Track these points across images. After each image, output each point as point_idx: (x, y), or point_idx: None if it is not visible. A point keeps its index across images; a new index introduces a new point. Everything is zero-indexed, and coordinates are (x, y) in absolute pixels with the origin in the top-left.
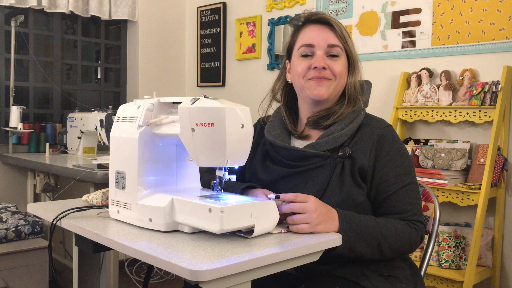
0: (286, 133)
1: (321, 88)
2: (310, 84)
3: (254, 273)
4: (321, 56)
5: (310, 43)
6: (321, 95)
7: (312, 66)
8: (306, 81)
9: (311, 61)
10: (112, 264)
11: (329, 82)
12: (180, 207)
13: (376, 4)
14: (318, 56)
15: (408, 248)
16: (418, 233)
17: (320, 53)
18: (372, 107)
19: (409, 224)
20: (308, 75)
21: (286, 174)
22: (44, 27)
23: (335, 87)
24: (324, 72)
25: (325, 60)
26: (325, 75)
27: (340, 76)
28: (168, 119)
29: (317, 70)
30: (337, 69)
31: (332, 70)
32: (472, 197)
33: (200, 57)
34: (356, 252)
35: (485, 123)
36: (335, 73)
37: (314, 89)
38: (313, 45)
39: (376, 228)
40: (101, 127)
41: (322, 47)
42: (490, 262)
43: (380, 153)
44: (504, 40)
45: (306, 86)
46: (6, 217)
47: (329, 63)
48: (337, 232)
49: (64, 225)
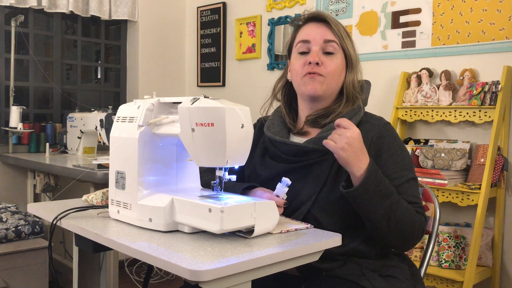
0: (285, 130)
1: (314, 83)
2: (304, 80)
3: (254, 273)
4: (315, 52)
5: (307, 39)
6: (314, 90)
7: (307, 62)
8: (301, 78)
9: (307, 58)
10: (112, 264)
11: (322, 78)
12: (180, 207)
13: (376, 4)
14: (313, 51)
15: (411, 232)
16: (421, 221)
17: (315, 49)
18: (372, 107)
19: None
20: (303, 71)
21: (286, 170)
22: (44, 27)
23: (328, 84)
24: (317, 68)
25: (320, 56)
26: (318, 71)
27: (333, 73)
28: (168, 119)
29: (311, 66)
30: (330, 67)
31: (325, 67)
32: (472, 197)
33: (200, 57)
34: (370, 199)
35: (485, 123)
36: (328, 70)
37: (308, 84)
38: (309, 41)
39: (394, 193)
40: (101, 127)
41: (318, 42)
42: (490, 262)
43: (381, 149)
44: (504, 40)
45: (301, 83)
46: (6, 217)
47: (324, 59)
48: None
49: (64, 225)
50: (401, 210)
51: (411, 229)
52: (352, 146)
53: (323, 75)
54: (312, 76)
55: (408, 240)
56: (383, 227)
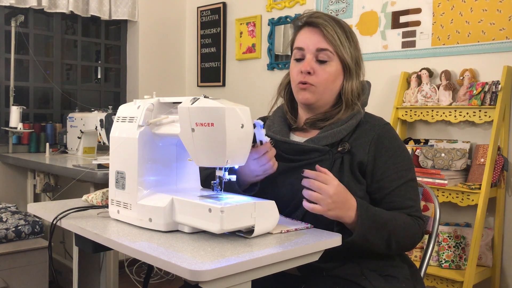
0: (285, 129)
1: (305, 93)
2: (297, 88)
3: (254, 273)
4: (308, 61)
5: (301, 46)
6: (306, 99)
7: (300, 70)
8: (295, 85)
9: (300, 66)
10: (112, 264)
11: (313, 88)
12: (180, 207)
13: (376, 4)
14: (306, 60)
15: (411, 244)
16: (420, 228)
17: (309, 57)
18: (372, 107)
19: (413, 219)
20: (297, 79)
21: (286, 169)
22: (44, 27)
23: (320, 93)
24: (308, 77)
25: (313, 65)
26: (309, 81)
27: (325, 82)
28: (168, 119)
29: (303, 75)
30: (322, 76)
31: (317, 76)
32: (472, 197)
33: (200, 57)
34: (368, 241)
35: (485, 123)
36: (320, 80)
37: (300, 94)
38: (303, 49)
39: (389, 221)
40: (101, 127)
41: (311, 51)
42: (490, 262)
43: (381, 149)
44: (504, 40)
45: (295, 90)
46: (6, 217)
47: (317, 68)
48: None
49: (64, 225)
50: (400, 231)
51: (411, 241)
52: (338, 202)
53: (314, 85)
54: (303, 86)
55: (409, 248)
56: (384, 250)
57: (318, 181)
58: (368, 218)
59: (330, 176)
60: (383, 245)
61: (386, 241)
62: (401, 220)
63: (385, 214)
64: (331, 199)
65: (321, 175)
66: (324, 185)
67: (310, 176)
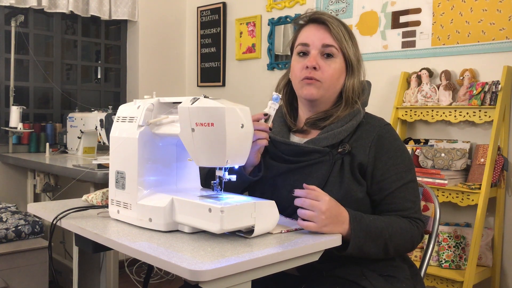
0: (285, 130)
1: (311, 88)
2: (302, 84)
3: (254, 273)
4: (314, 56)
5: (306, 42)
6: (311, 95)
7: (305, 66)
8: (299, 81)
9: (305, 61)
10: (112, 264)
11: (319, 84)
12: (180, 207)
13: (376, 4)
14: (311, 55)
15: (410, 247)
16: (419, 231)
17: (314, 52)
18: (372, 107)
19: (411, 222)
20: (301, 75)
21: (286, 170)
22: (44, 27)
23: (325, 88)
24: (314, 72)
25: (318, 60)
26: (315, 76)
27: (331, 78)
28: (168, 119)
29: (308, 70)
30: (327, 72)
31: (323, 72)
32: (472, 197)
33: (200, 57)
34: (364, 252)
35: (485, 123)
36: (325, 75)
37: (305, 89)
38: (308, 44)
39: (384, 229)
40: (101, 127)
41: (317, 46)
42: (490, 262)
43: (381, 150)
44: (504, 40)
45: (299, 86)
46: (6, 217)
47: (322, 64)
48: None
49: (64, 225)
50: (397, 237)
51: (410, 245)
52: (331, 217)
53: (320, 80)
54: (309, 81)
55: (409, 251)
56: (383, 257)
57: (309, 199)
58: (361, 230)
59: (320, 192)
60: (381, 253)
61: (383, 249)
62: (398, 225)
63: (379, 222)
64: (324, 215)
65: (311, 193)
66: (316, 202)
67: (301, 195)
